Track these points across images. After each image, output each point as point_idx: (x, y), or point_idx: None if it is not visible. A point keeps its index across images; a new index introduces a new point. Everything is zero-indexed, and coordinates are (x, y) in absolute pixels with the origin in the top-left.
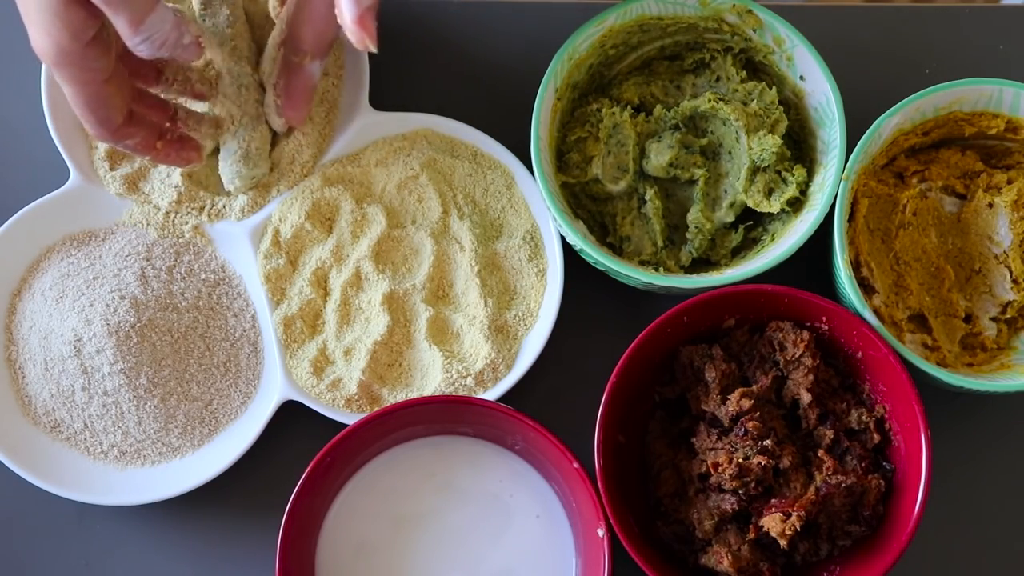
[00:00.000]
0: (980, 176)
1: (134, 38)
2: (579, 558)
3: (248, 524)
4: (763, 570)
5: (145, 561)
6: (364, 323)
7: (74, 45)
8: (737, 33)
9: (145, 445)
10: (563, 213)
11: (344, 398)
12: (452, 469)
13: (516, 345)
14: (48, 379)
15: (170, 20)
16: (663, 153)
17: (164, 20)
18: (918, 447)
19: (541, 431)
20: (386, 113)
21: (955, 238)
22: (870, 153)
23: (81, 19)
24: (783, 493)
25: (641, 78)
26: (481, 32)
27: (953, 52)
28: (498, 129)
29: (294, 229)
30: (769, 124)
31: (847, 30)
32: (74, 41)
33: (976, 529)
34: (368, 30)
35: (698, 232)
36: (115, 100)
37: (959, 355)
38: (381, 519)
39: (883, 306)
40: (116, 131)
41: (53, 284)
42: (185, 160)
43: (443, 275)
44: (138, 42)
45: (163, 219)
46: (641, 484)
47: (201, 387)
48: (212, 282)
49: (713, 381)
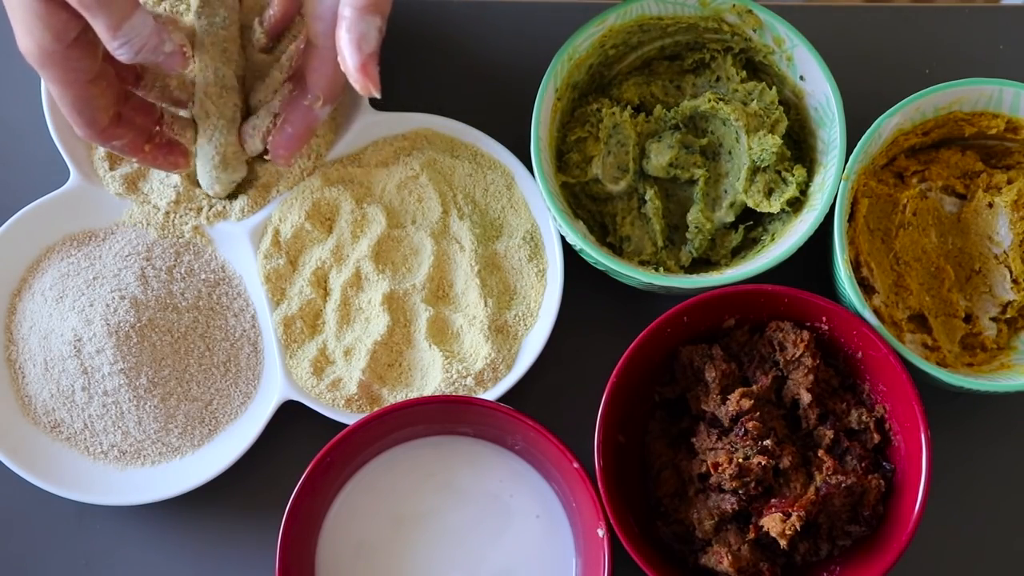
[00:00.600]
0: (980, 176)
1: (112, 42)
2: (579, 558)
3: (248, 524)
4: (763, 570)
5: (145, 561)
6: (364, 323)
7: (56, 46)
8: (737, 33)
9: (145, 445)
10: (563, 213)
11: (344, 398)
12: (452, 469)
13: (516, 345)
14: (48, 379)
15: (150, 25)
16: (663, 153)
17: (143, 25)
18: (918, 447)
19: (541, 431)
20: (386, 113)
21: (955, 238)
22: (870, 153)
23: (63, 21)
24: (783, 493)
25: (641, 78)
26: (481, 32)
27: (953, 52)
28: (498, 129)
29: (294, 229)
30: (769, 124)
31: (847, 30)
32: (56, 42)
33: (976, 529)
34: (371, 77)
35: (698, 232)
36: (101, 101)
37: (959, 355)
38: (381, 519)
39: (883, 306)
40: (103, 132)
41: (53, 284)
42: (172, 164)
43: (443, 275)
44: (117, 46)
45: (163, 219)
46: (641, 484)
47: (201, 387)
48: (212, 282)
49: (713, 381)
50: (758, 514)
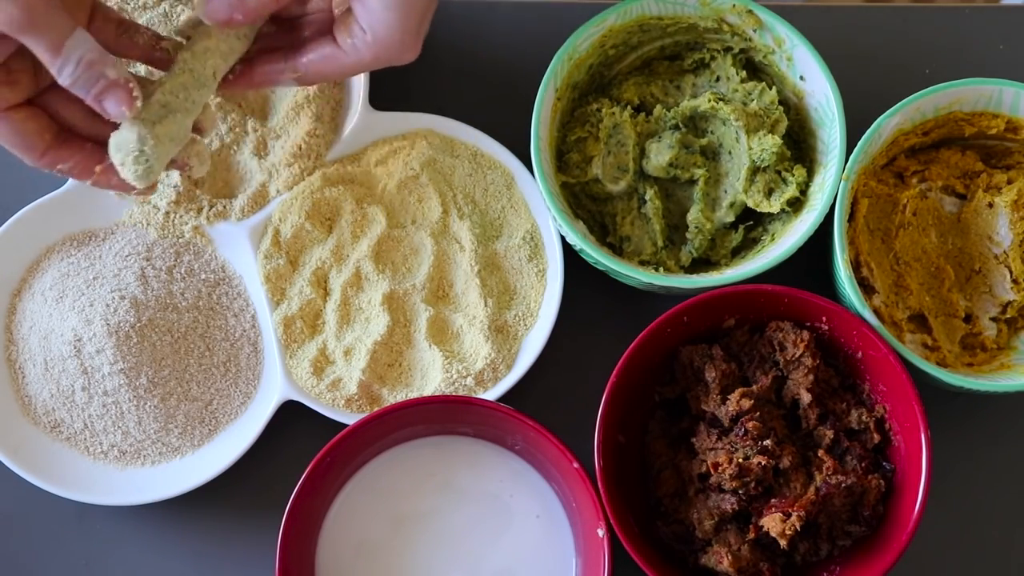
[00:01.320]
0: (980, 176)
1: (55, 62)
2: (579, 558)
3: (248, 524)
4: (763, 570)
5: (145, 561)
6: (364, 323)
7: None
8: (737, 33)
9: (145, 445)
10: (563, 213)
11: (344, 398)
12: (452, 469)
13: (516, 345)
14: (48, 379)
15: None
16: (663, 153)
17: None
18: (918, 447)
19: (541, 431)
20: (386, 113)
21: (955, 238)
22: (870, 153)
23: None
24: (783, 493)
25: (641, 78)
26: (481, 32)
27: (953, 52)
28: (498, 129)
29: (294, 229)
30: (769, 124)
31: (847, 30)
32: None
33: (976, 529)
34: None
35: (698, 232)
36: (30, 125)
37: (959, 355)
38: (381, 519)
39: (883, 306)
40: (41, 158)
41: (53, 284)
42: (128, 187)
43: (443, 275)
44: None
45: (163, 219)
46: (641, 484)
47: (201, 387)
48: (212, 282)
49: (713, 381)
50: (758, 514)
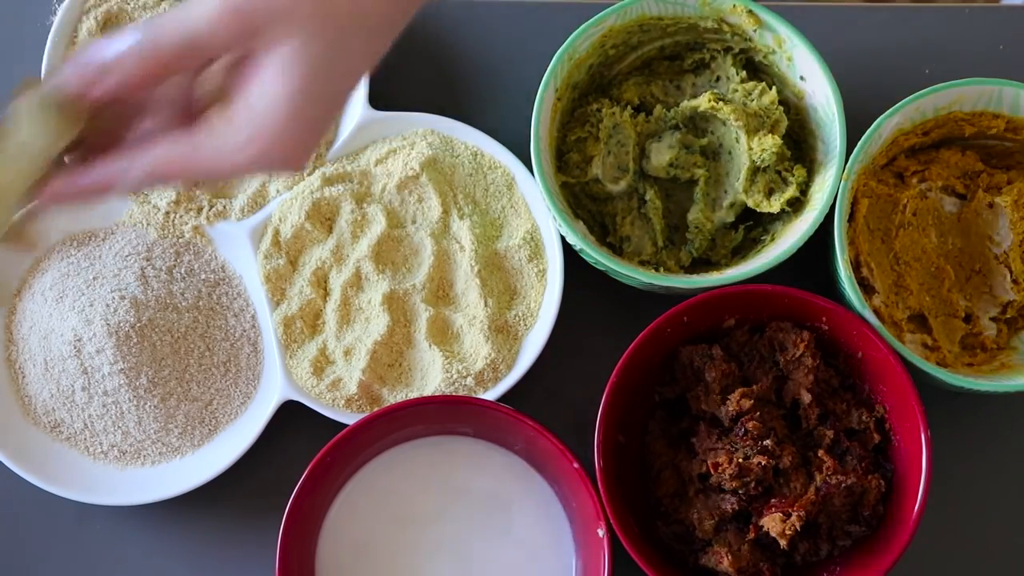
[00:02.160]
0: (980, 176)
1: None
2: (579, 558)
3: (248, 524)
4: (763, 570)
5: (145, 561)
6: (364, 323)
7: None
8: (737, 33)
9: (145, 445)
10: (563, 213)
11: (344, 398)
12: (452, 469)
13: (516, 345)
14: (48, 379)
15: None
16: (663, 153)
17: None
18: (918, 447)
19: (541, 431)
20: (386, 113)
21: (955, 238)
22: (870, 153)
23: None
24: (783, 493)
25: (641, 78)
26: (481, 32)
27: (953, 52)
28: (498, 129)
29: (294, 229)
30: (769, 124)
31: (847, 30)
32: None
33: (976, 529)
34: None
35: (698, 232)
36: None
37: (959, 355)
38: (381, 519)
39: (883, 306)
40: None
41: (53, 284)
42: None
43: (443, 275)
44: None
45: (163, 219)
46: (641, 484)
47: (201, 387)
48: (212, 282)
49: (713, 381)
50: (758, 514)
